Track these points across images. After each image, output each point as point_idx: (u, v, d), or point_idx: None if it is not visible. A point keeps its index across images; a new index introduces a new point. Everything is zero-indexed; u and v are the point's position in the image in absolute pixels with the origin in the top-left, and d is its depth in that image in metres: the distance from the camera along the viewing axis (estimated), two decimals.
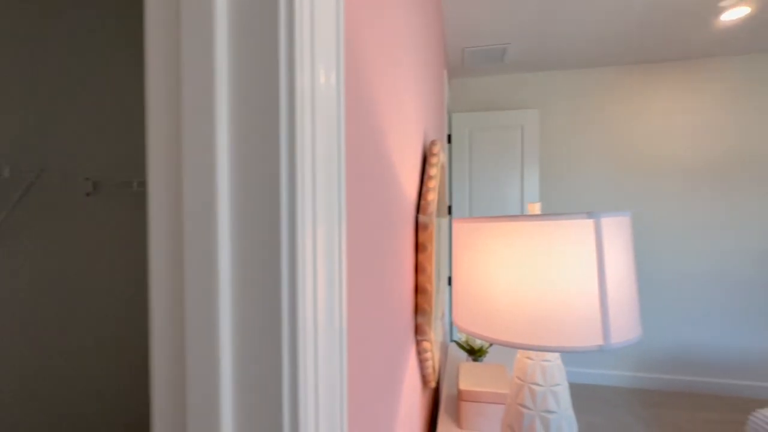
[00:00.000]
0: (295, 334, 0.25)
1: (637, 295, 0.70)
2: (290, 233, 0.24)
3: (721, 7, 2.13)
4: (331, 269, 0.29)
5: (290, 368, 0.25)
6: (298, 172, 0.25)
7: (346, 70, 0.36)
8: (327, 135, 0.29)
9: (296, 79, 0.24)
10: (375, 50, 0.49)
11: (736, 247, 2.80)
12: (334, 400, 0.30)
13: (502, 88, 3.13)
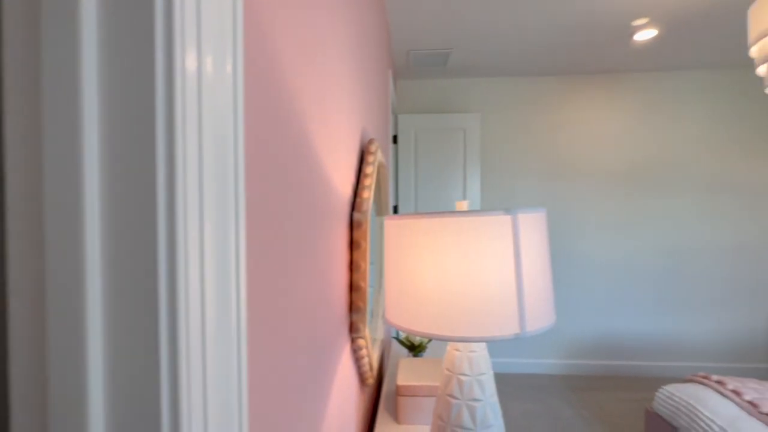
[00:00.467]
0: (176, 340, 0.23)
1: (551, 286, 0.76)
2: (169, 233, 0.23)
3: (634, 28, 2.37)
4: (224, 270, 0.28)
5: (169, 380, 0.23)
6: (179, 165, 0.23)
7: (250, 61, 0.35)
8: (218, 128, 0.27)
9: (175, 63, 0.23)
10: (293, 44, 0.48)
11: (645, 243, 3.15)
12: (230, 408, 0.29)
13: (446, 91, 3.24)
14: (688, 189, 3.12)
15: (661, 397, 1.95)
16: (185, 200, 0.24)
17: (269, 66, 0.39)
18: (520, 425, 2.44)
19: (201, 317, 0.26)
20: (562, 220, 3.19)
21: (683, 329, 3.14)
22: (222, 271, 0.28)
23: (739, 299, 3.10)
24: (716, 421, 1.63)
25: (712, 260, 3.11)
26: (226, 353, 0.29)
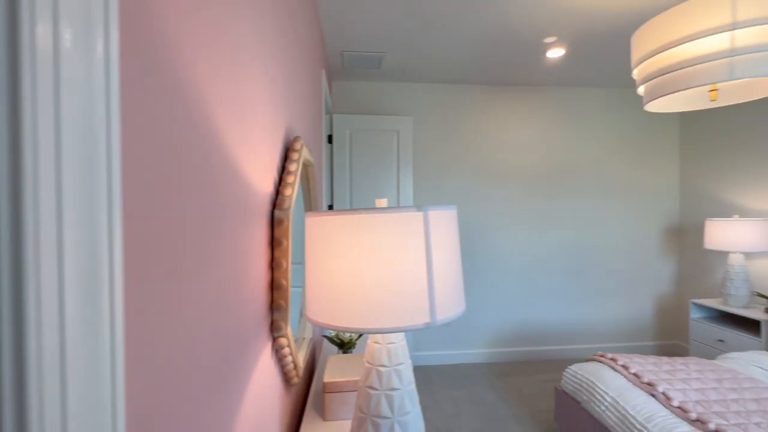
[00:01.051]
0: (23, 349, 0.22)
1: (461, 278, 0.82)
2: (13, 232, 0.21)
3: (546, 45, 2.63)
4: (91, 271, 0.27)
5: (14, 401, 0.22)
6: (26, 155, 0.22)
7: (133, 44, 0.34)
8: (84, 113, 0.26)
9: (22, 35, 0.22)
10: (199, 33, 0.47)
11: (556, 240, 3.50)
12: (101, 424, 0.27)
13: (380, 94, 3.30)
14: (590, 192, 3.53)
15: (567, 376, 2.18)
16: (36, 194, 0.22)
17: (162, 53, 0.38)
18: (449, 412, 2.58)
19: (59, 323, 0.24)
20: (486, 218, 3.42)
21: (587, 315, 3.54)
22: (88, 273, 0.26)
23: (630, 288, 3.59)
24: (609, 393, 1.87)
25: (609, 255, 3.56)
26: (95, 360, 0.27)
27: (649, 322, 3.61)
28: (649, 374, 1.94)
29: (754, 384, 1.85)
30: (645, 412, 1.68)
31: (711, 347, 2.85)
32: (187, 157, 0.44)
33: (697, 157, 3.43)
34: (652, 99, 1.57)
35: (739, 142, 3.05)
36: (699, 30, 1.33)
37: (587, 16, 2.22)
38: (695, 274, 3.45)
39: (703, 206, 3.37)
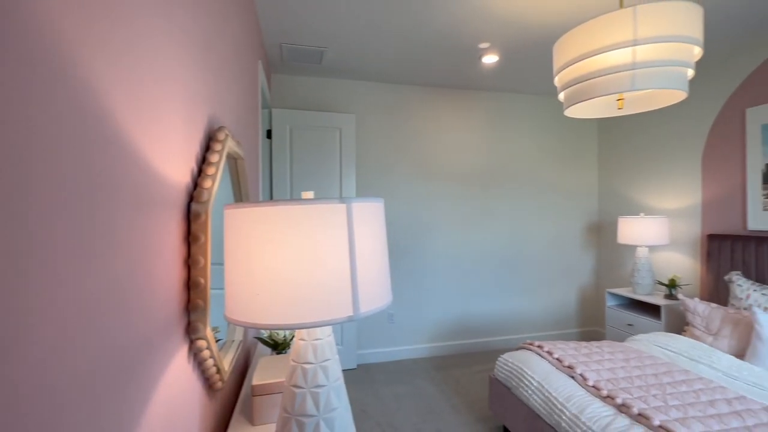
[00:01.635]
0: None
1: (386, 270, 0.82)
2: None
3: (481, 51, 2.76)
4: None
5: None
6: None
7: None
8: None
9: None
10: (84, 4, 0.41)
11: (492, 236, 3.70)
12: None
13: (322, 90, 3.25)
14: (522, 191, 3.78)
15: (499, 365, 2.31)
16: None
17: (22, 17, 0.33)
18: (391, 407, 2.61)
19: None
20: (427, 215, 3.52)
21: (519, 307, 3.79)
22: None
23: (557, 280, 3.89)
24: (535, 377, 2.01)
25: (539, 249, 3.83)
26: None
27: (572, 311, 3.95)
28: (569, 358, 2.11)
29: (654, 361, 2.09)
30: (565, 393, 1.83)
31: (622, 331, 3.18)
32: (70, 148, 0.39)
33: (611, 161, 3.82)
34: (570, 105, 1.71)
35: (645, 149, 3.44)
36: (606, 44, 1.47)
37: (518, 26, 2.37)
38: (611, 266, 3.84)
39: (617, 205, 3.75)
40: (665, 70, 1.48)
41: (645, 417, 1.53)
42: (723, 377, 1.95)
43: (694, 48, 1.53)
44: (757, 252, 2.50)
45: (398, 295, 3.46)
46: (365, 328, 3.38)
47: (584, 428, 1.62)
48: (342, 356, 3.18)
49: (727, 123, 2.79)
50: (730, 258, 2.66)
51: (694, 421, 1.50)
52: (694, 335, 2.44)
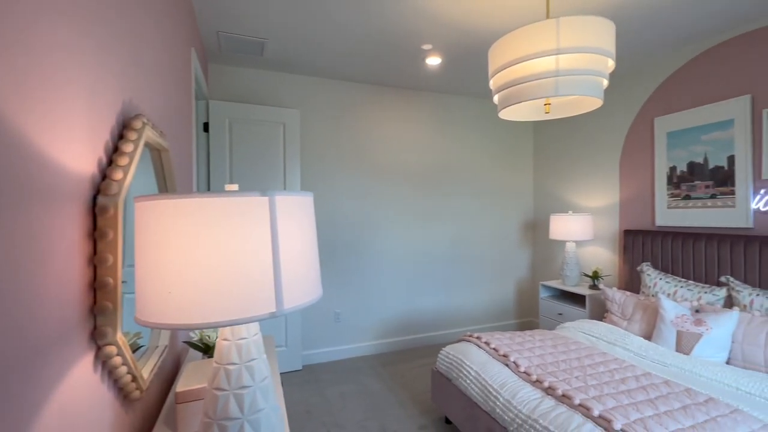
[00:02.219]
0: None
1: (315, 264, 0.81)
2: None
3: (425, 52, 2.82)
4: None
5: None
6: None
7: None
8: None
9: None
10: None
11: (437, 233, 3.82)
12: None
13: (265, 83, 3.14)
14: (466, 190, 3.94)
15: (440, 357, 2.38)
16: None
17: None
18: (336, 406, 2.59)
19: None
20: (373, 213, 3.54)
21: (463, 301, 3.94)
22: None
23: (497, 275, 4.11)
24: (473, 367, 2.10)
25: (480, 246, 4.02)
26: None
27: (510, 303, 4.19)
28: (505, 347, 2.23)
29: (578, 346, 2.28)
30: (499, 380, 1.93)
31: (554, 320, 3.43)
32: None
33: (544, 163, 4.10)
34: (503, 107, 1.80)
35: (573, 153, 3.74)
36: (533, 52, 1.57)
37: (459, 30, 2.45)
38: (544, 261, 4.12)
39: (550, 204, 4.04)
40: (584, 78, 1.62)
41: (567, 397, 1.66)
42: (634, 357, 2.17)
43: (608, 60, 1.68)
44: (663, 245, 2.82)
45: (344, 294, 3.44)
46: (310, 328, 3.33)
47: (516, 412, 1.72)
48: (286, 358, 3.10)
49: (639, 131, 3.12)
50: (642, 251, 2.97)
51: (608, 397, 1.66)
52: (612, 321, 2.69)
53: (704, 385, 1.81)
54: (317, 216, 3.33)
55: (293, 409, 2.55)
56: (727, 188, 2.54)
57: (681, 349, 2.16)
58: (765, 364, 1.91)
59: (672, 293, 2.55)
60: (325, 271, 3.36)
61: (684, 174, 2.79)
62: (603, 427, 1.46)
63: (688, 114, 2.75)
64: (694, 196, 2.72)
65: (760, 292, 2.16)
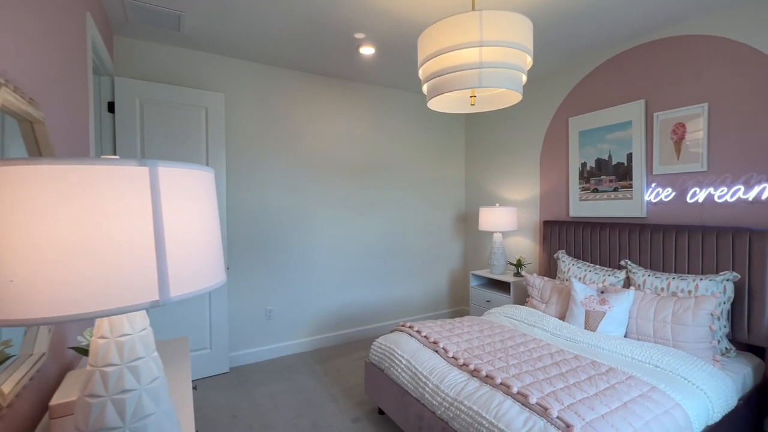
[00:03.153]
0: None
1: (216, 246, 0.72)
2: None
3: (358, 41, 2.77)
4: None
5: None
6: None
7: None
8: None
9: None
10: None
11: (374, 226, 3.81)
12: None
13: (184, 62, 2.86)
14: (402, 183, 3.98)
15: (373, 348, 2.37)
16: None
17: None
18: (266, 407, 2.46)
19: None
20: (306, 206, 3.43)
21: (399, 293, 3.99)
22: None
23: (431, 266, 4.22)
24: (404, 356, 2.12)
25: (415, 238, 4.09)
26: None
27: (444, 293, 4.33)
28: (435, 335, 2.29)
29: (502, 330, 2.41)
30: (429, 366, 1.97)
31: (482, 307, 3.61)
32: None
33: (474, 157, 4.29)
34: (431, 97, 1.82)
35: (499, 148, 3.95)
36: (458, 42, 1.60)
37: (391, 20, 2.44)
38: (475, 251, 4.32)
39: (480, 196, 4.24)
40: (506, 72, 1.69)
41: (490, 377, 1.74)
42: (550, 336, 2.35)
43: (527, 57, 1.77)
44: (576, 234, 3.09)
45: (276, 290, 3.29)
46: (239, 327, 3.13)
47: (443, 395, 1.76)
48: (211, 360, 2.88)
49: (556, 129, 3.38)
50: (558, 239, 3.24)
51: (526, 375, 1.76)
52: (533, 304, 2.90)
53: (606, 357, 2.01)
54: (245, 209, 3.13)
55: (217, 415, 2.37)
56: (626, 182, 2.85)
57: (589, 327, 2.38)
58: (654, 335, 2.18)
59: (582, 277, 2.80)
60: (254, 267, 3.18)
61: (593, 169, 3.08)
62: (521, 402, 1.54)
63: (596, 115, 3.04)
64: (601, 189, 3.02)
65: (651, 273, 2.46)
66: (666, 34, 2.61)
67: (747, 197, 2.25)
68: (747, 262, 2.16)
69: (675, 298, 2.20)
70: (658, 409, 1.53)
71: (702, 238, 2.33)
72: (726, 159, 2.34)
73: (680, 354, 1.98)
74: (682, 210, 2.55)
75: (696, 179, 2.48)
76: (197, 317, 2.82)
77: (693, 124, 2.48)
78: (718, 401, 1.74)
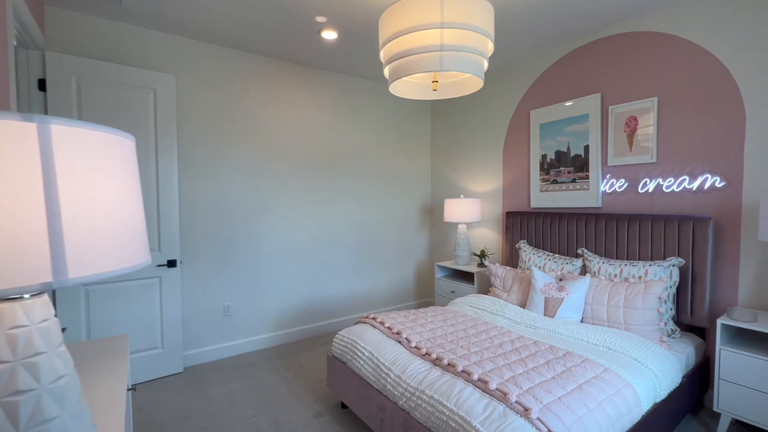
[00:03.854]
0: None
1: (134, 225, 0.63)
2: None
3: (319, 25, 2.67)
4: None
5: None
6: None
7: None
8: None
9: None
10: None
11: (341, 218, 3.73)
12: None
13: (129, 39, 2.64)
14: (368, 175, 3.91)
15: (335, 341, 2.31)
16: None
17: None
18: (222, 406, 2.34)
19: None
20: (267, 197, 3.29)
21: (365, 285, 3.94)
22: None
23: (399, 258, 4.20)
24: (367, 348, 2.07)
25: (382, 230, 4.05)
26: None
27: (411, 285, 4.33)
28: (398, 325, 2.25)
29: (465, 319, 2.42)
30: (391, 357, 1.93)
31: (447, 298, 3.63)
32: None
33: (440, 149, 4.30)
34: (393, 80, 1.77)
35: (464, 140, 3.98)
36: (418, 23, 1.55)
37: (353, 3, 2.35)
38: (440, 243, 4.35)
39: (445, 188, 4.26)
40: (467, 56, 1.66)
41: (452, 366, 1.73)
42: (511, 324, 2.39)
43: (488, 42, 1.76)
44: (536, 224, 3.16)
45: (235, 285, 3.14)
46: (194, 324, 2.96)
47: (405, 385, 1.73)
48: (163, 360, 2.71)
49: (518, 121, 3.44)
50: (520, 230, 3.30)
51: (487, 362, 1.77)
52: (495, 293, 2.94)
53: (564, 342, 2.06)
54: (199, 200, 2.96)
55: (167, 418, 2.23)
56: (583, 173, 2.94)
57: (548, 313, 2.44)
58: (608, 320, 2.26)
59: (542, 266, 2.87)
60: (211, 261, 3.02)
61: (552, 161, 3.16)
62: (481, 389, 1.54)
63: (556, 108, 3.11)
64: (560, 180, 3.10)
65: (606, 261, 2.55)
66: (621, 30, 2.70)
67: (691, 187, 2.38)
68: (691, 248, 2.28)
69: (627, 284, 2.29)
70: (611, 390, 1.58)
71: (651, 226, 2.44)
72: (673, 151, 2.46)
73: (631, 336, 2.06)
74: (634, 200, 2.66)
75: (647, 170, 2.60)
76: (146, 314, 2.63)
77: (644, 118, 2.59)
78: (665, 379, 1.83)
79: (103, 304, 2.48)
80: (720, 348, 1.96)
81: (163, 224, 2.65)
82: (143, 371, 2.64)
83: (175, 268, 2.72)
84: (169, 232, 2.68)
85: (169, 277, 2.70)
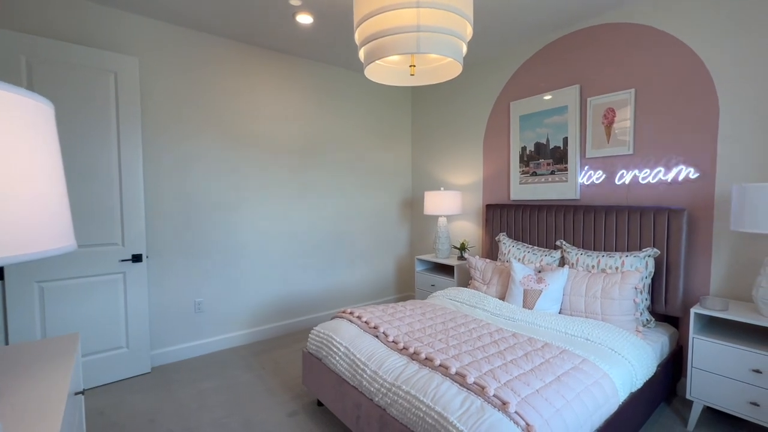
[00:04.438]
0: None
1: (51, 204, 0.54)
2: None
3: (294, 8, 2.55)
4: None
5: None
6: None
7: None
8: None
9: None
10: None
11: (317, 211, 3.63)
12: None
13: (88, 18, 2.45)
14: (346, 167, 3.82)
15: (311, 337, 2.23)
16: None
17: None
18: (191, 407, 2.23)
19: None
20: (240, 190, 3.16)
21: (343, 280, 3.86)
22: None
23: (379, 252, 4.14)
24: (343, 343, 2.00)
25: (361, 224, 3.97)
26: None
27: (391, 279, 4.28)
28: (376, 320, 2.19)
29: (444, 312, 2.38)
30: (368, 352, 1.87)
31: (428, 291, 3.60)
32: None
33: (421, 142, 4.24)
34: (368, 64, 1.68)
35: (444, 133, 3.93)
36: (393, 2, 1.47)
37: None
38: (421, 236, 4.31)
39: (425, 181, 4.21)
40: (446, 38, 1.59)
41: (430, 360, 1.68)
42: (490, 316, 2.36)
43: (467, 26, 1.69)
44: (516, 216, 3.15)
45: (207, 281, 3.01)
46: (163, 322, 2.82)
47: (381, 381, 1.67)
48: (129, 361, 2.57)
49: (498, 113, 3.41)
50: (500, 222, 3.29)
51: (465, 355, 1.72)
52: (475, 286, 2.91)
53: (542, 334, 2.04)
54: (166, 192, 2.80)
55: (131, 421, 2.10)
56: (562, 165, 2.94)
57: (527, 305, 2.43)
58: (585, 311, 2.26)
59: (521, 258, 2.86)
60: (180, 256, 2.88)
61: (532, 153, 3.15)
62: (459, 383, 1.49)
63: (535, 100, 3.09)
64: (539, 172, 3.09)
65: (584, 252, 2.56)
66: (599, 21, 2.69)
67: (666, 178, 2.40)
68: (666, 238, 2.30)
69: (604, 275, 2.30)
70: (588, 380, 1.56)
71: (628, 218, 2.45)
72: (649, 142, 2.48)
73: (608, 327, 2.06)
74: (611, 191, 2.67)
75: (623, 162, 2.61)
76: (109, 312, 2.48)
77: (622, 111, 2.59)
78: (641, 369, 1.83)
79: (59, 301, 2.32)
80: (693, 337, 1.99)
81: (126, 216, 2.50)
82: (106, 372, 2.49)
83: (141, 263, 2.57)
84: (134, 225, 2.52)
85: (133, 273, 2.55)
